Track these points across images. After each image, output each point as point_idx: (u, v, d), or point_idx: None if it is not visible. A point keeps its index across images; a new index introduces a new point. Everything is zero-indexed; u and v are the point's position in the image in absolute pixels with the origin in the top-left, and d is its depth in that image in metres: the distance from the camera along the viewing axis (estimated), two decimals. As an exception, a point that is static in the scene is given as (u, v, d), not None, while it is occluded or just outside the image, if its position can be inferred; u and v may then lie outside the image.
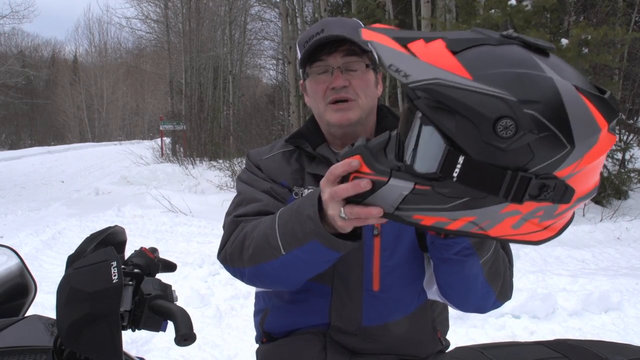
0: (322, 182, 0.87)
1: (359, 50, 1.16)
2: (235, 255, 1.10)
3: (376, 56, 0.70)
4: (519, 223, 0.73)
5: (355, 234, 0.94)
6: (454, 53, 0.69)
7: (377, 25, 0.77)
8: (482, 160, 0.67)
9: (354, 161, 0.80)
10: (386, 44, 0.70)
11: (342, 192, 0.81)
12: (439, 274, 1.09)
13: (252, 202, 1.19)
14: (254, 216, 1.15)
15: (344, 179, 0.82)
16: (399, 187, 0.75)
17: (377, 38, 0.71)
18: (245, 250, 1.08)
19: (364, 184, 0.78)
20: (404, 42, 0.70)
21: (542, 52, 0.71)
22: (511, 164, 0.67)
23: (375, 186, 0.77)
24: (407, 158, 0.75)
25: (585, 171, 0.70)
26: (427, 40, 0.70)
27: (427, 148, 0.72)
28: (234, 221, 1.16)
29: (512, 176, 0.67)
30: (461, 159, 0.68)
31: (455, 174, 0.69)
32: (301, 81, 1.27)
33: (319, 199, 0.91)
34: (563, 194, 0.70)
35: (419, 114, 0.72)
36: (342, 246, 0.93)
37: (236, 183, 1.32)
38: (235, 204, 1.23)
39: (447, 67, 0.68)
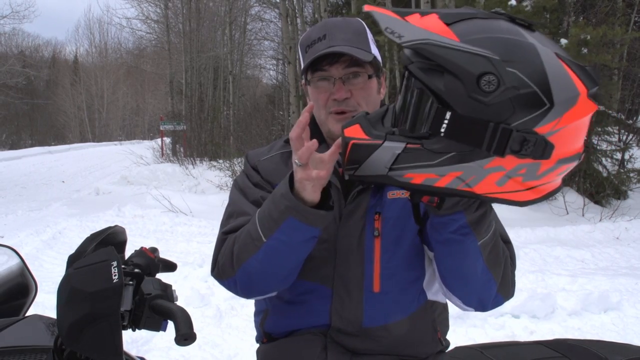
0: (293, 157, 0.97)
1: (361, 60, 1.16)
2: (227, 265, 1.12)
3: (376, 21, 0.77)
4: (503, 180, 0.77)
5: (328, 205, 1.01)
6: (447, 24, 0.76)
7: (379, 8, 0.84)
8: (467, 115, 0.73)
9: (304, 115, 0.94)
10: (385, 13, 0.77)
11: (294, 132, 0.92)
12: (439, 259, 1.09)
13: (241, 215, 1.20)
14: None
15: (344, 151, 0.89)
16: (392, 147, 0.81)
17: (377, 9, 0.78)
18: (234, 255, 1.10)
19: (303, 117, 0.93)
20: (401, 14, 0.77)
21: (528, 27, 0.77)
22: (494, 117, 0.72)
23: (371, 149, 0.83)
24: (401, 123, 0.82)
25: (565, 131, 0.74)
26: (423, 14, 0.78)
27: (419, 110, 0.79)
28: (222, 239, 1.18)
29: (494, 128, 0.72)
30: (448, 115, 0.74)
31: (442, 129, 0.74)
32: (302, 82, 1.27)
33: (290, 177, 1.00)
34: (543, 149, 0.74)
35: (412, 80, 0.79)
36: (317, 217, 0.99)
37: (231, 187, 1.32)
38: (227, 215, 1.24)
39: (437, 31, 0.74)
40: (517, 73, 0.71)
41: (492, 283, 1.08)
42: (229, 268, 1.11)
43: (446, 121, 0.74)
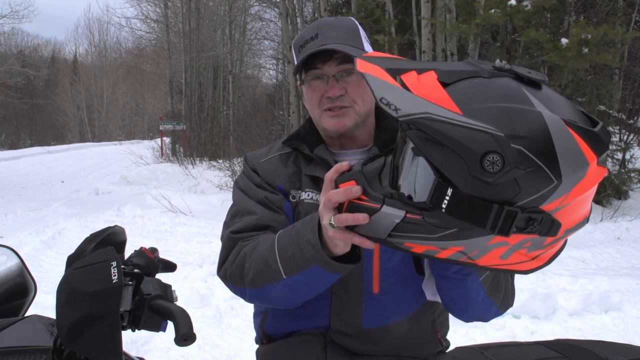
0: (320, 207, 0.90)
1: (354, 57, 1.15)
2: (236, 277, 1.11)
3: (370, 88, 0.71)
4: (507, 254, 0.74)
5: (355, 256, 0.96)
6: (445, 85, 0.70)
7: (373, 53, 0.79)
8: (470, 194, 0.68)
9: (355, 188, 0.83)
10: (378, 76, 0.71)
11: (334, 196, 0.84)
12: (441, 290, 1.10)
13: (247, 214, 1.19)
14: (249, 232, 1.16)
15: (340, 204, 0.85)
16: (391, 214, 0.78)
17: (371, 70, 0.72)
18: (245, 272, 1.09)
19: (355, 190, 0.82)
20: (396, 74, 0.72)
21: (535, 84, 0.71)
22: (498, 197, 0.68)
23: (369, 212, 0.80)
24: (400, 186, 0.78)
25: (573, 205, 0.70)
26: (420, 71, 0.72)
27: (418, 178, 0.75)
28: (231, 238, 1.17)
29: (499, 210, 0.68)
30: (450, 192, 0.69)
31: (444, 206, 0.70)
32: (299, 83, 1.27)
33: (319, 224, 0.94)
34: (549, 227, 0.70)
35: (411, 145, 0.74)
36: (343, 269, 0.96)
37: (233, 189, 1.31)
38: (231, 215, 1.23)
39: (437, 100, 0.68)
40: (523, 150, 0.65)
41: (493, 307, 1.10)
42: (239, 281, 1.11)
43: (447, 198, 0.70)
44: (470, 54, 8.37)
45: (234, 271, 1.11)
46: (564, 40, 6.71)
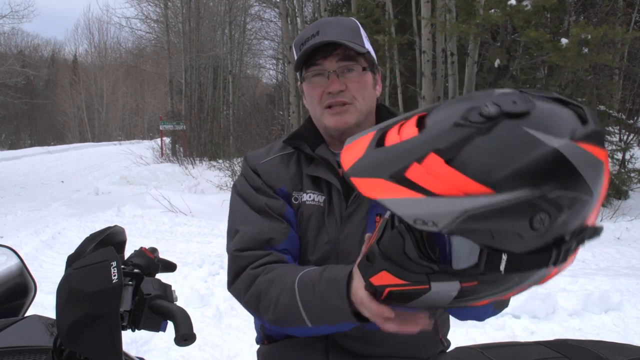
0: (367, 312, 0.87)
1: (354, 53, 1.15)
2: (252, 306, 1.12)
3: (395, 215, 0.68)
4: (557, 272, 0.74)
5: None
6: (450, 161, 0.64)
7: (351, 147, 0.71)
8: (523, 252, 0.66)
9: (387, 312, 0.83)
10: (395, 196, 0.64)
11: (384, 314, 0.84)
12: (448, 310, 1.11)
13: (247, 226, 1.18)
14: (254, 250, 1.15)
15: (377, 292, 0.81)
16: (445, 290, 0.72)
17: (378, 190, 0.65)
18: (263, 310, 1.09)
19: (387, 313, 0.83)
20: (402, 176, 0.65)
21: (525, 114, 0.67)
22: (551, 240, 0.67)
23: (416, 295, 0.74)
24: (440, 258, 0.73)
25: (600, 202, 0.71)
26: (420, 160, 0.65)
27: (460, 246, 0.72)
28: (236, 257, 1.16)
29: (557, 251, 0.67)
30: (504, 256, 0.66)
31: (502, 268, 0.67)
32: (299, 82, 1.26)
33: (347, 288, 0.94)
34: (593, 234, 0.70)
35: None
36: (366, 322, 0.94)
37: (231, 194, 1.28)
38: (233, 229, 1.21)
39: (464, 190, 0.63)
40: (559, 194, 0.64)
41: (489, 307, 1.08)
42: (255, 311, 1.12)
43: (504, 261, 0.66)
44: (470, 53, 8.38)
45: (249, 300, 1.11)
46: (564, 40, 6.70)
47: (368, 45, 1.20)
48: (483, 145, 0.65)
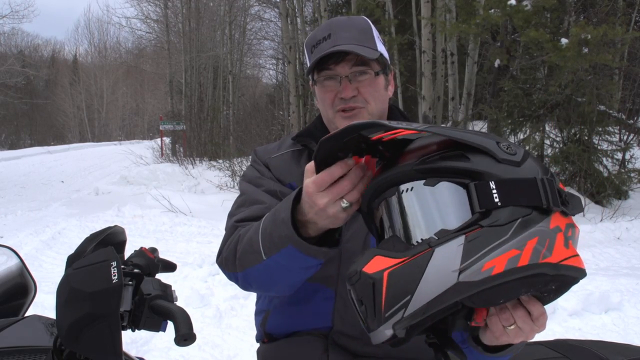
0: (312, 195, 0.84)
1: (367, 58, 1.15)
2: (230, 260, 1.09)
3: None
4: (566, 241, 0.69)
5: (333, 240, 0.92)
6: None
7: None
8: (510, 177, 0.67)
9: (350, 160, 0.79)
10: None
11: (326, 177, 0.80)
12: None
13: (254, 203, 1.17)
14: (255, 220, 1.13)
15: (378, 295, 0.69)
16: (449, 246, 0.65)
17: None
18: (237, 254, 1.07)
19: (350, 162, 0.79)
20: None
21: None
22: (530, 175, 0.68)
23: (421, 264, 0.66)
24: (433, 225, 0.70)
25: None
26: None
27: (448, 202, 0.70)
28: (234, 226, 1.15)
29: (542, 182, 0.67)
30: (492, 184, 0.66)
31: (496, 199, 0.66)
32: (310, 83, 1.27)
33: (294, 200, 0.90)
34: (578, 204, 0.71)
35: (421, 182, 0.71)
36: (318, 253, 0.91)
37: (240, 182, 1.30)
38: (238, 205, 1.21)
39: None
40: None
41: None
42: (232, 264, 1.09)
43: (494, 190, 0.66)
44: (470, 53, 8.37)
45: (229, 255, 1.09)
46: (564, 40, 6.70)
47: (380, 47, 1.20)
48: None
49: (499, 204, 0.66)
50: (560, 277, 0.67)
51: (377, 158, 0.82)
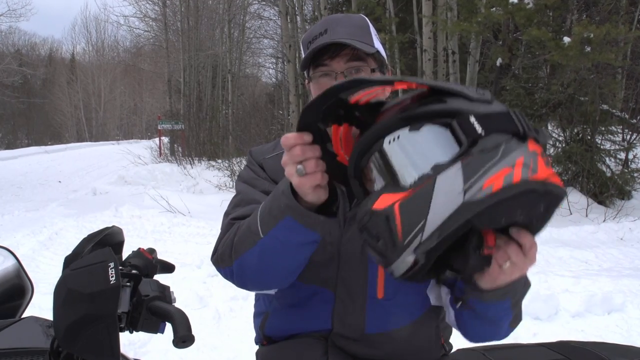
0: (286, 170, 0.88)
1: (363, 54, 1.13)
2: (226, 254, 1.07)
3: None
4: (546, 162, 0.74)
5: (331, 210, 0.94)
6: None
7: None
8: (485, 112, 0.72)
9: (306, 135, 0.85)
10: None
11: (290, 139, 0.84)
12: (460, 323, 1.08)
13: (250, 203, 1.16)
14: None
15: (394, 226, 0.72)
16: (450, 172, 0.70)
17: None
18: (233, 246, 1.05)
19: (306, 137, 0.84)
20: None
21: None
22: (502, 109, 0.74)
23: (427, 193, 0.70)
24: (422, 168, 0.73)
25: None
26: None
27: (437, 143, 0.74)
28: (230, 223, 1.13)
29: (514, 113, 0.74)
30: (472, 118, 0.72)
31: (479, 130, 0.71)
32: (306, 81, 1.25)
33: None
34: (543, 135, 0.76)
35: (406, 129, 0.75)
36: (316, 221, 0.92)
37: (236, 182, 1.29)
38: (234, 205, 1.20)
39: None
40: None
41: (506, 329, 1.08)
42: (227, 257, 1.07)
43: (475, 122, 0.71)
44: (472, 52, 8.37)
45: (224, 250, 1.07)
46: (567, 39, 6.70)
47: (378, 44, 1.18)
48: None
49: (482, 133, 0.71)
50: (548, 196, 0.72)
51: (354, 126, 0.86)
